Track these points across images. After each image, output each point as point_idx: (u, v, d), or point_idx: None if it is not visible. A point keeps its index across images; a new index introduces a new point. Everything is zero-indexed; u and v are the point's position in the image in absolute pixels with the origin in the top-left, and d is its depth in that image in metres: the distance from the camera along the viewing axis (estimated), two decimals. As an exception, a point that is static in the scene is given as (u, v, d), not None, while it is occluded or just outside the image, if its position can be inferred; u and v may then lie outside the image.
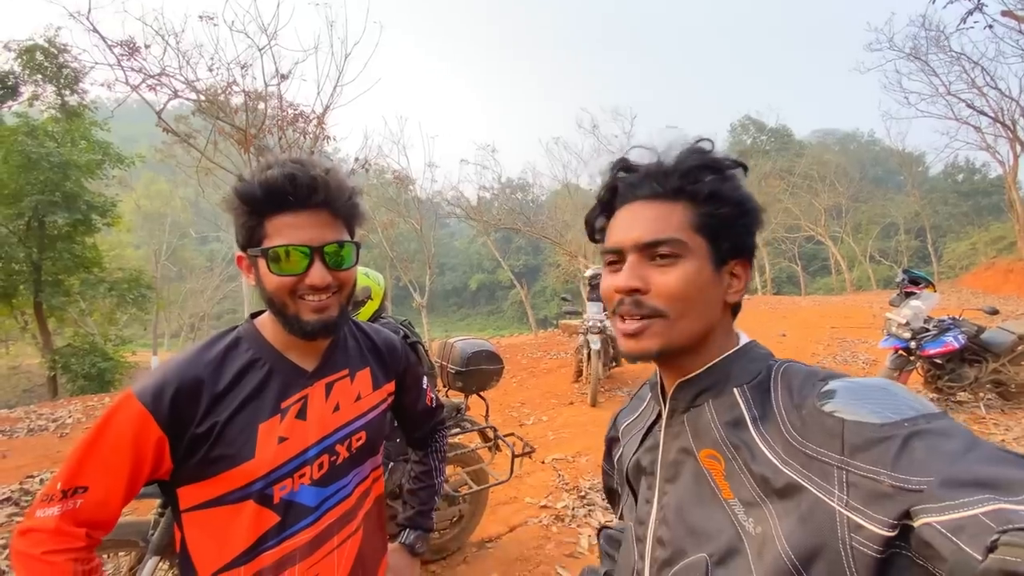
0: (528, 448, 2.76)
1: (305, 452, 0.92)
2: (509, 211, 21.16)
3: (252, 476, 0.87)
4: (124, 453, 0.81)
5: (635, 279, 0.63)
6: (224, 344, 0.92)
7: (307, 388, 0.95)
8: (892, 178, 42.60)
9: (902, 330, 4.74)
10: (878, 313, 9.69)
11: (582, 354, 6.40)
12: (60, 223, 11.62)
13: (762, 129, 42.20)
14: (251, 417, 0.88)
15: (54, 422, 5.97)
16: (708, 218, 0.62)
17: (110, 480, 0.81)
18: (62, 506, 0.80)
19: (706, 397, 0.64)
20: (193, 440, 0.85)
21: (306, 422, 0.93)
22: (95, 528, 0.83)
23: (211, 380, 0.87)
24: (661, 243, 0.62)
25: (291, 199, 0.84)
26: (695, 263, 0.62)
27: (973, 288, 19.43)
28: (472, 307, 49.38)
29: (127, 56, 9.89)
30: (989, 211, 33.53)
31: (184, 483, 0.87)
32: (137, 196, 30.10)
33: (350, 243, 0.91)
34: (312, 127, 11.69)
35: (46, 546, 0.79)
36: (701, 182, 0.63)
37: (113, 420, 0.82)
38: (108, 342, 13.62)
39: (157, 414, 0.82)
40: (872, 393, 0.52)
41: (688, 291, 0.61)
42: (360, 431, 1.01)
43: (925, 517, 0.42)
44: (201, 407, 0.85)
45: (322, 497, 0.94)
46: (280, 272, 0.85)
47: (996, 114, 19.17)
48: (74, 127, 12.13)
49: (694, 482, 0.63)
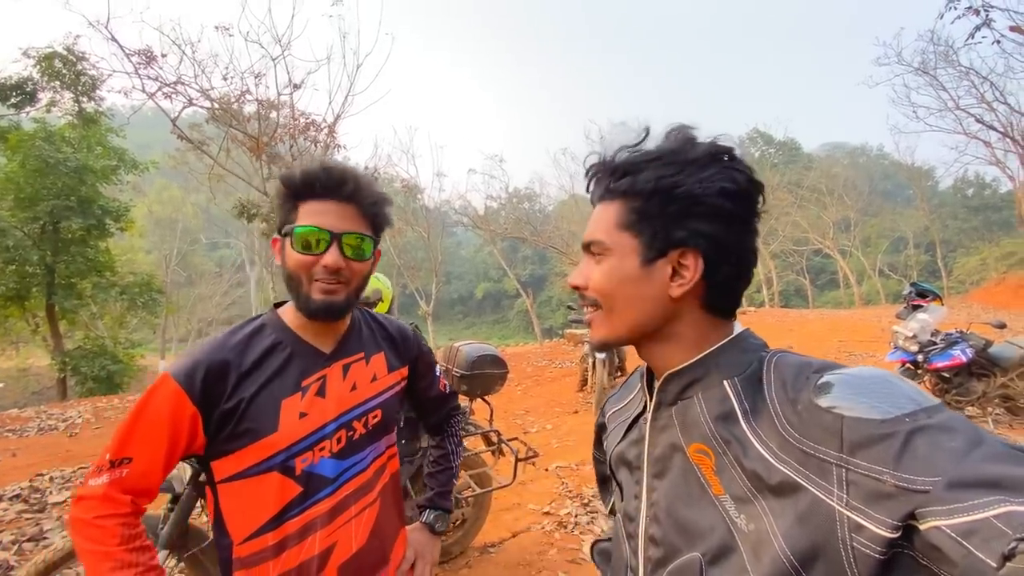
0: (531, 452, 2.78)
1: (324, 427, 0.99)
2: (516, 220, 21.28)
3: (275, 448, 0.94)
4: (163, 427, 0.89)
5: (577, 276, 0.68)
6: (249, 330, 1.01)
7: (325, 368, 1.02)
8: (901, 192, 42.43)
9: (909, 343, 4.71)
10: (886, 327, 9.61)
11: (587, 363, 6.40)
12: (75, 227, 11.82)
13: (770, 142, 42.21)
14: (274, 394, 0.96)
15: (64, 422, 6.05)
16: (634, 213, 0.63)
17: (151, 451, 0.90)
18: (110, 475, 0.89)
19: (695, 389, 0.63)
20: (222, 416, 0.93)
21: (325, 399, 1.01)
22: (139, 496, 0.92)
23: (237, 361, 0.95)
24: (590, 244, 0.67)
25: (323, 187, 0.95)
26: (616, 260, 0.64)
27: (983, 303, 19.22)
28: (478, 316, 49.36)
29: (144, 64, 10.12)
30: (999, 226, 33.24)
31: (217, 456, 0.95)
32: (150, 202, 30.58)
33: (369, 238, 1.00)
34: (323, 136, 11.86)
35: (97, 511, 0.88)
36: (621, 181, 0.65)
37: (152, 397, 0.91)
38: (118, 345, 13.76)
39: (190, 391, 0.90)
40: (870, 385, 0.51)
41: (609, 285, 0.65)
42: (376, 409, 1.08)
43: (932, 520, 0.40)
44: (229, 385, 0.93)
45: (340, 469, 1.01)
46: (300, 251, 0.94)
47: (1005, 129, 19.07)
48: (90, 133, 12.38)
49: (683, 478, 0.61)
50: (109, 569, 0.85)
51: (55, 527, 3.25)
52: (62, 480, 4.17)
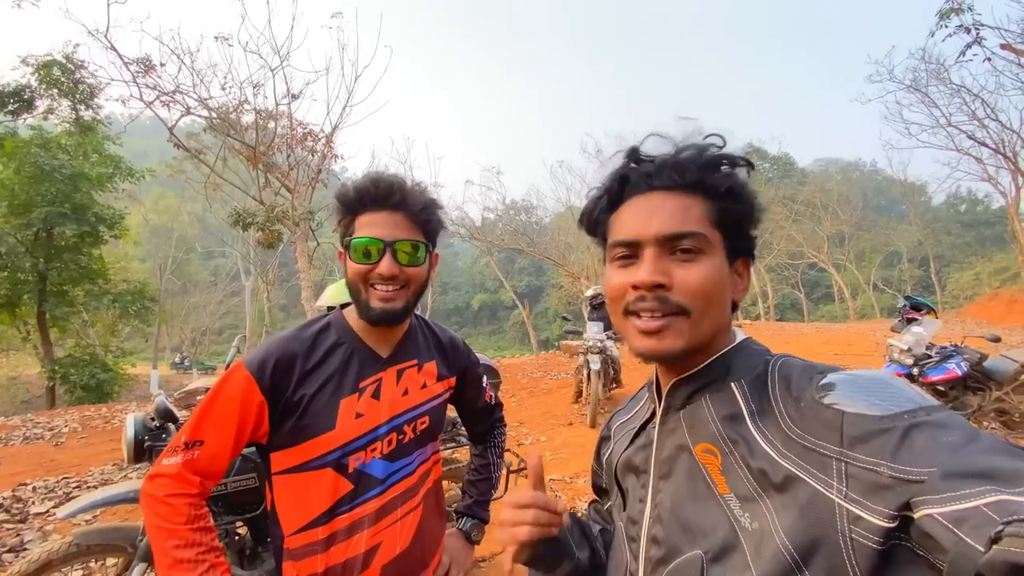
0: (524, 465, 2.73)
1: (377, 428, 1.03)
2: (513, 232, 21.34)
3: (332, 445, 0.99)
4: (233, 412, 0.95)
5: (658, 273, 0.59)
6: (317, 327, 1.06)
7: (381, 372, 1.07)
8: (895, 207, 42.88)
9: (904, 356, 4.71)
10: (881, 341, 9.63)
11: (582, 374, 6.36)
12: (68, 234, 11.78)
13: (764, 157, 42.66)
14: (334, 392, 1.01)
15: (50, 431, 5.95)
16: (724, 213, 0.61)
17: (222, 435, 0.95)
18: (184, 456, 0.94)
19: (703, 393, 0.63)
20: (286, 407, 0.98)
21: (379, 402, 1.05)
22: (208, 478, 0.96)
23: (304, 356, 1.01)
24: (685, 236, 0.59)
25: (374, 199, 1.00)
26: (716, 259, 0.60)
27: (977, 318, 19.34)
28: (474, 326, 49.30)
29: (143, 73, 10.17)
30: (992, 241, 33.61)
31: (276, 448, 1.00)
32: (145, 210, 30.54)
33: (422, 243, 1.03)
34: (321, 146, 11.89)
35: (168, 489, 0.92)
36: (720, 176, 0.61)
37: (226, 385, 0.96)
38: (109, 353, 13.63)
39: (260, 381, 0.96)
40: (871, 385, 0.52)
41: (711, 288, 0.59)
42: (424, 415, 1.11)
43: (926, 508, 0.41)
44: (294, 378, 0.99)
45: (390, 471, 1.05)
46: (358, 261, 0.99)
47: (997, 145, 19.35)
48: (87, 141, 12.38)
49: (688, 478, 0.61)
50: (174, 546, 0.89)
51: (35, 538, 3.18)
52: (45, 490, 4.08)
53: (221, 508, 1.81)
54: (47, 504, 3.74)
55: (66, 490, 4.04)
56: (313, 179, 11.56)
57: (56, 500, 3.82)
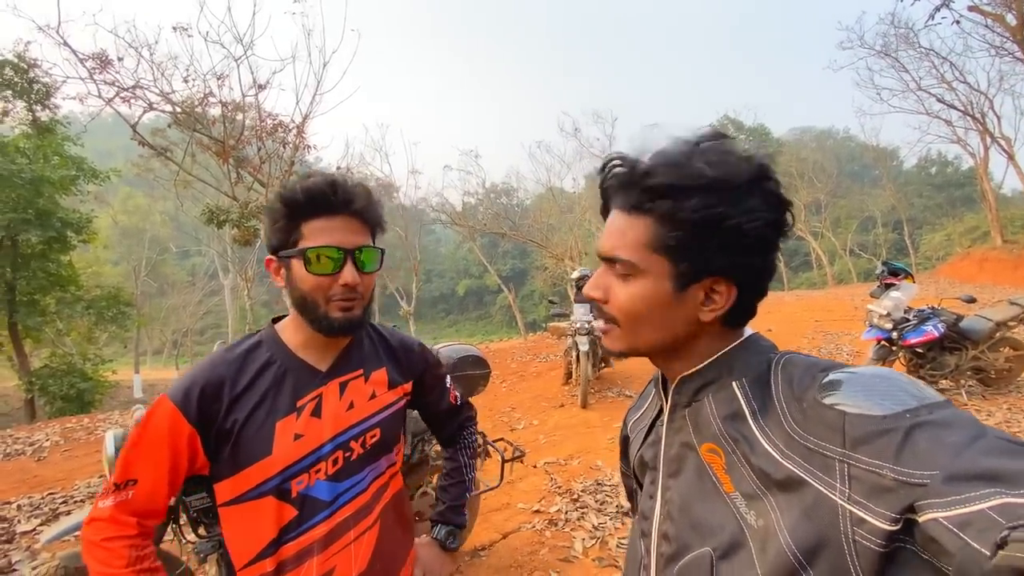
0: (518, 452, 2.74)
1: (320, 448, 0.97)
2: (494, 216, 21.23)
3: (271, 472, 0.93)
4: (163, 447, 0.90)
5: (595, 289, 0.65)
6: (246, 347, 1.00)
7: (321, 387, 1.00)
8: (868, 173, 43.51)
9: (884, 321, 4.82)
10: (859, 305, 9.85)
11: (571, 356, 6.39)
12: (34, 241, 11.33)
13: (740, 128, 42.78)
14: (268, 415, 0.95)
15: (31, 446, 5.80)
16: (668, 240, 0.59)
17: (155, 472, 0.91)
18: (115, 497, 0.90)
19: (707, 391, 0.64)
20: (219, 435, 0.93)
21: (321, 420, 0.98)
22: (145, 517, 0.92)
23: (232, 380, 0.95)
24: (614, 260, 0.63)
25: (332, 204, 0.93)
26: (649, 283, 0.61)
27: (950, 278, 19.85)
28: (460, 313, 49.22)
29: (99, 69, 9.77)
30: (962, 202, 34.39)
31: (218, 479, 0.95)
32: (114, 212, 29.60)
33: (376, 249, 0.99)
34: (292, 136, 11.60)
35: (105, 533, 0.89)
36: (662, 203, 0.58)
37: (151, 419, 0.92)
38: (87, 362, 13.26)
39: (186, 411, 0.91)
40: (873, 383, 0.51)
41: (638, 308, 0.62)
42: (374, 428, 1.05)
43: (930, 512, 0.41)
44: (224, 404, 0.93)
45: (337, 492, 0.99)
46: (316, 272, 0.92)
47: (966, 107, 19.72)
48: (46, 143, 11.83)
49: (696, 476, 0.63)
50: None
51: (24, 558, 3.10)
52: (31, 508, 3.98)
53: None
54: (33, 522, 3.65)
55: (52, 506, 3.94)
56: (286, 172, 11.28)
57: (42, 517, 3.73)
